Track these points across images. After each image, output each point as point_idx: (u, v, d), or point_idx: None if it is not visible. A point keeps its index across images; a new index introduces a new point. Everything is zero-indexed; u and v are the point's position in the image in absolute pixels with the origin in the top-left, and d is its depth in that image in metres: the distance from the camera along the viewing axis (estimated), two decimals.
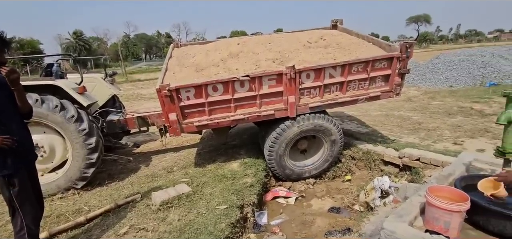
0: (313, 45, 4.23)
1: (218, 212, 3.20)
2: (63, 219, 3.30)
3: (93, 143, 3.80)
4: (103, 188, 4.10)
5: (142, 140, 6.27)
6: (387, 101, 7.91)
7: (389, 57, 3.85)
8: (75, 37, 52.90)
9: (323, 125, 3.97)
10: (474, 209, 2.10)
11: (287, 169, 4.21)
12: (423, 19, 75.67)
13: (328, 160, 4.28)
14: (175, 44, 4.95)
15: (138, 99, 12.48)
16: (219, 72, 3.72)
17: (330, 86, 3.88)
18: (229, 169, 4.29)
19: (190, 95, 3.47)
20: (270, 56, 3.90)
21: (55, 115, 3.56)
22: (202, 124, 3.68)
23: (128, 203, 3.53)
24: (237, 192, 3.62)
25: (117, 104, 5.39)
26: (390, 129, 5.60)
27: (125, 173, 4.62)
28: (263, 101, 3.75)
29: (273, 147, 4.00)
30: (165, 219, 3.16)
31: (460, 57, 12.01)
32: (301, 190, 4.28)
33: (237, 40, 4.53)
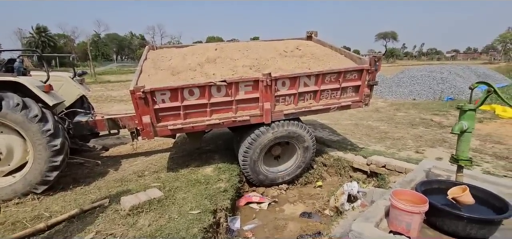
0: (289, 54, 4.37)
1: (191, 217, 3.16)
2: (19, 226, 3.07)
3: (58, 144, 3.59)
4: (67, 192, 3.87)
5: (112, 143, 6.02)
6: (357, 111, 8.31)
7: (360, 69, 4.08)
8: (38, 32, 49.58)
9: (296, 132, 4.08)
10: (431, 211, 2.28)
11: (261, 175, 4.26)
12: (390, 36, 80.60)
13: (301, 166, 4.40)
14: (150, 46, 4.85)
15: (108, 101, 11.96)
16: (196, 76, 3.71)
17: (304, 95, 4.01)
18: (202, 174, 4.26)
19: (166, 98, 3.42)
20: (247, 62, 3.96)
21: (15, 115, 3.32)
22: (177, 128, 3.63)
23: (95, 208, 3.37)
24: (210, 197, 3.60)
25: (86, 105, 5.14)
26: (359, 138, 5.88)
27: (92, 177, 4.40)
28: (239, 107, 3.78)
29: (247, 152, 4.04)
30: (135, 224, 3.05)
31: (422, 73, 12.91)
32: (274, 196, 4.34)
33: (214, 45, 4.54)
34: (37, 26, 50.07)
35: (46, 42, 49.07)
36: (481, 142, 5.45)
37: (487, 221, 2.16)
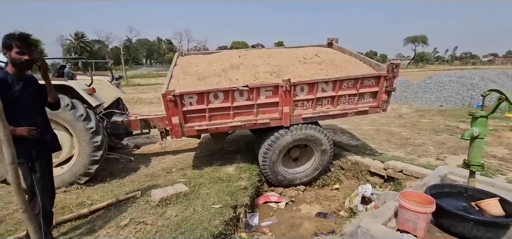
0: (308, 61, 4.57)
1: (213, 210, 3.45)
2: (67, 210, 3.52)
3: (99, 141, 4.06)
4: (104, 184, 4.33)
5: (142, 141, 6.52)
6: (378, 117, 8.27)
7: (377, 75, 4.19)
8: (77, 39, 53.28)
9: (314, 135, 4.27)
10: (439, 212, 2.39)
11: (280, 175, 4.48)
12: (420, 40, 77.32)
13: (318, 169, 4.57)
14: (179, 53, 5.27)
15: (139, 103, 12.74)
16: (220, 81, 4.03)
17: (322, 100, 4.19)
18: (225, 172, 4.55)
19: (193, 101, 3.77)
20: (268, 69, 4.22)
21: (65, 114, 3.83)
22: (202, 129, 3.97)
23: (129, 199, 3.77)
24: (231, 193, 3.87)
25: (121, 107, 5.66)
26: (379, 143, 5.91)
27: (126, 171, 4.86)
28: (259, 110, 4.05)
29: (267, 154, 4.28)
30: (164, 214, 3.39)
31: (451, 78, 12.47)
32: (291, 196, 4.54)
33: (238, 52, 4.86)
34: (76, 32, 53.83)
35: (83, 47, 52.61)
36: (510, 150, 5.30)
37: (493, 223, 2.24)
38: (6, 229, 3.14)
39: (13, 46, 2.21)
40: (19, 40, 2.22)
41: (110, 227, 3.17)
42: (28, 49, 2.26)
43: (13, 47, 2.22)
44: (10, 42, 2.20)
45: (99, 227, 3.16)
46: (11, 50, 2.23)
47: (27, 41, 2.26)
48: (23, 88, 2.34)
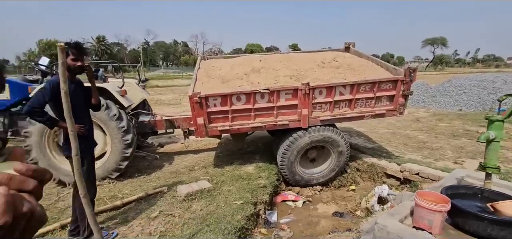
0: (326, 65, 4.73)
1: (235, 206, 3.67)
2: (101, 202, 3.84)
3: (130, 139, 4.38)
4: (133, 179, 4.65)
5: (165, 141, 6.84)
6: (395, 120, 8.28)
7: (394, 80, 4.30)
8: (98, 42, 55.31)
9: (331, 137, 4.42)
10: (454, 212, 2.51)
11: (297, 175, 4.65)
12: (439, 42, 75.20)
13: (335, 170, 4.71)
14: (202, 57, 5.55)
15: (158, 104, 13.18)
16: (243, 84, 4.26)
17: (339, 103, 4.35)
18: (245, 171, 4.77)
19: (217, 103, 4.01)
20: (287, 73, 4.42)
21: (100, 113, 4.15)
22: (225, 129, 4.21)
23: (157, 193, 4.05)
24: (251, 191, 4.08)
25: (147, 107, 5.99)
26: (395, 146, 5.97)
27: (152, 168, 5.17)
28: (279, 112, 4.25)
29: (285, 154, 4.47)
30: (189, 208, 3.65)
31: (471, 82, 12.21)
32: (308, 195, 4.70)
33: (259, 57, 5.09)
34: (97, 36, 55.90)
35: (104, 50, 54.53)
36: None
37: (508, 222, 2.34)
38: (51, 216, 3.48)
39: (69, 54, 2.53)
40: (75, 49, 2.53)
41: (142, 218, 3.45)
42: (81, 57, 2.57)
43: (69, 54, 2.53)
44: (67, 50, 2.51)
45: (132, 218, 3.45)
46: (67, 57, 2.54)
47: (81, 49, 2.57)
48: (74, 91, 2.65)
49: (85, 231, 2.90)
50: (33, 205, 0.44)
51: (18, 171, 0.44)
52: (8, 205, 0.40)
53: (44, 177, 0.47)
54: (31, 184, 0.44)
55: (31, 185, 0.44)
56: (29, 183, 0.44)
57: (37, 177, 0.45)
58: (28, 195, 0.44)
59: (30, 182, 0.44)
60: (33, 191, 0.45)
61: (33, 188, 0.44)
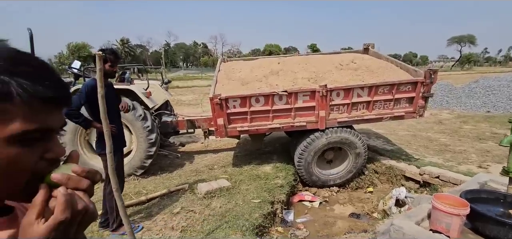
0: (344, 67, 4.75)
1: (253, 204, 3.78)
2: (127, 197, 4.08)
3: (153, 138, 4.63)
4: (156, 177, 4.89)
5: (186, 140, 7.09)
6: (416, 122, 8.08)
7: (414, 81, 4.26)
8: (122, 44, 57.53)
9: (349, 138, 4.44)
10: (474, 216, 2.49)
11: (314, 176, 4.71)
12: (466, 40, 71.68)
13: (352, 171, 4.72)
14: (223, 59, 5.73)
15: (179, 105, 13.57)
16: (261, 86, 4.38)
17: (357, 104, 4.36)
18: (262, 171, 4.89)
19: (236, 104, 4.16)
20: (305, 75, 4.49)
21: (128, 114, 4.42)
22: (244, 130, 4.34)
23: (179, 190, 4.25)
24: (268, 190, 4.19)
25: (169, 108, 6.26)
26: (415, 149, 5.87)
27: (173, 167, 5.41)
28: (297, 114, 4.33)
29: (302, 155, 4.54)
30: (209, 205, 3.81)
31: (501, 82, 11.64)
32: (325, 196, 4.74)
33: (277, 59, 5.19)
34: (121, 38, 58.16)
35: (127, 52, 56.65)
36: None
37: None
38: None
39: (107, 61, 2.76)
40: (113, 55, 2.77)
41: (165, 213, 3.65)
42: (117, 62, 2.81)
43: (107, 61, 2.77)
44: (106, 57, 2.75)
45: (155, 213, 3.65)
46: (105, 63, 2.77)
47: (117, 56, 2.82)
48: (107, 93, 2.88)
49: (114, 223, 3.13)
50: (87, 202, 0.50)
51: (75, 172, 0.51)
52: (67, 203, 0.46)
53: (95, 177, 0.53)
54: (85, 183, 0.50)
55: (85, 184, 0.50)
56: (84, 183, 0.50)
57: (90, 178, 0.52)
58: (83, 193, 0.50)
59: (84, 181, 0.50)
60: (87, 190, 0.51)
61: (86, 187, 0.51)
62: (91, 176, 0.52)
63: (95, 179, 0.53)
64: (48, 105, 0.49)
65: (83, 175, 0.51)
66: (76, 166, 0.52)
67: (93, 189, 0.53)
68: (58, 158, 0.53)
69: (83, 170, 0.51)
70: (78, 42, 43.40)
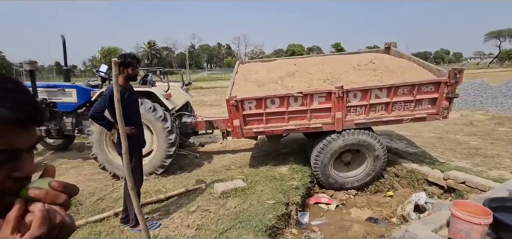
0: (362, 67, 4.64)
1: (267, 205, 3.80)
2: (147, 195, 4.26)
3: (173, 139, 4.80)
4: (175, 176, 5.06)
5: (205, 141, 7.25)
6: (443, 124, 7.66)
7: (436, 81, 4.07)
8: (149, 46, 59.87)
9: (367, 141, 4.33)
10: (499, 226, 2.34)
11: (331, 178, 4.64)
12: (507, 34, 66.47)
13: (371, 174, 4.59)
14: (240, 61, 5.81)
15: (201, 105, 13.88)
16: (277, 88, 4.40)
17: (375, 106, 4.24)
18: (278, 172, 4.89)
19: (252, 106, 4.21)
20: (322, 76, 4.45)
21: (149, 115, 4.63)
22: (260, 131, 4.39)
23: (196, 189, 4.37)
24: (284, 191, 4.18)
25: (189, 109, 6.43)
26: (441, 152, 5.58)
27: (192, 166, 5.56)
28: (313, 115, 4.29)
29: (319, 157, 4.49)
30: (224, 205, 3.88)
31: None
32: (342, 199, 4.66)
33: (294, 61, 5.17)
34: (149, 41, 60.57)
35: (154, 54, 58.86)
36: None
37: None
38: (106, 205, 3.99)
39: (130, 65, 2.94)
40: (135, 60, 2.94)
41: (182, 211, 3.78)
42: (138, 66, 2.98)
43: (130, 65, 2.94)
44: (129, 62, 2.92)
45: (173, 211, 3.79)
46: (128, 68, 2.95)
47: (139, 61, 2.99)
48: (128, 96, 3.05)
49: (134, 219, 3.29)
50: (63, 216, 0.49)
51: (53, 187, 0.50)
52: (45, 218, 0.45)
53: (72, 192, 0.53)
54: (62, 198, 0.50)
55: (62, 199, 0.50)
56: (61, 198, 0.50)
57: (67, 192, 0.52)
58: (59, 207, 0.49)
59: (61, 196, 0.50)
60: (63, 204, 0.50)
61: (63, 202, 0.50)
62: (69, 191, 0.52)
63: (72, 193, 0.53)
64: (14, 126, 0.49)
65: (60, 190, 0.51)
66: (54, 181, 0.52)
67: (70, 202, 0.53)
68: (28, 176, 0.53)
69: (60, 185, 0.51)
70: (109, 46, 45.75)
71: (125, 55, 3.01)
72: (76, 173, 5.44)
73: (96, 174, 5.25)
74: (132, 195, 2.19)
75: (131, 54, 3.06)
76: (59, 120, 5.60)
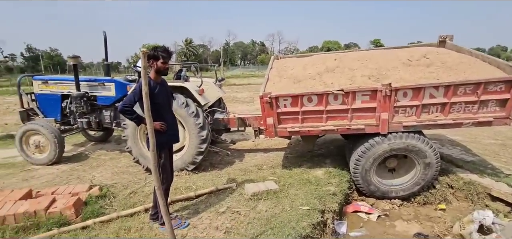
0: (414, 63, 4.12)
1: (301, 211, 3.51)
2: (178, 192, 4.19)
3: (204, 135, 4.69)
4: (206, 173, 4.95)
5: (237, 138, 7.12)
6: (507, 129, 6.70)
7: (508, 80, 3.45)
8: (186, 44, 61.97)
9: (416, 146, 3.83)
10: None
11: (372, 185, 4.20)
12: None
13: (420, 184, 4.08)
14: (275, 56, 5.54)
15: (234, 102, 13.88)
16: (315, 85, 4.06)
17: (429, 107, 3.72)
18: (313, 175, 4.56)
19: (287, 103, 3.93)
20: (366, 72, 4.02)
21: (181, 110, 4.57)
22: (294, 130, 4.09)
23: (226, 189, 4.21)
24: (319, 197, 3.86)
25: (222, 105, 6.33)
26: (505, 161, 4.83)
27: (223, 164, 5.43)
28: (354, 115, 3.90)
29: (359, 161, 4.08)
30: (255, 208, 3.66)
31: None
32: (385, 209, 4.20)
33: (334, 55, 4.78)
34: (186, 39, 62.73)
35: (191, 51, 60.87)
36: None
37: None
38: (137, 199, 3.99)
39: (160, 58, 2.82)
40: (165, 53, 2.82)
41: (211, 211, 3.62)
42: (169, 59, 2.86)
43: (159, 58, 2.82)
44: (158, 55, 2.81)
45: (202, 210, 3.65)
46: (157, 61, 2.84)
47: (169, 54, 2.87)
48: (160, 91, 2.95)
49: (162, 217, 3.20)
50: None
51: None
52: None
53: None
54: None
55: None
56: None
57: None
58: None
59: None
60: None
61: None
62: None
63: None
64: None
65: None
66: None
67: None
68: None
69: None
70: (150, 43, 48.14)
71: (156, 48, 2.90)
72: (113, 165, 5.59)
73: (131, 167, 5.34)
74: (159, 195, 2.06)
75: (162, 47, 2.93)
76: (99, 113, 5.80)
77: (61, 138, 5.56)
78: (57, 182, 4.79)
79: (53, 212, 3.30)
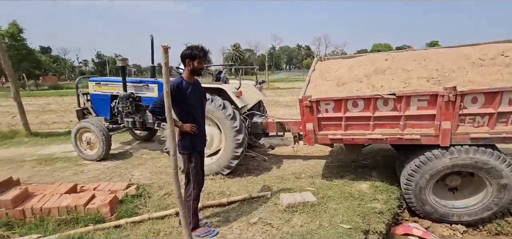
0: (487, 62, 3.43)
1: (341, 230, 3.13)
2: (210, 196, 4.07)
3: (241, 139, 4.53)
4: (241, 178, 4.78)
5: (276, 143, 6.85)
6: None
7: None
8: (234, 48, 63.88)
9: (488, 163, 3.16)
10: None
11: (428, 205, 3.59)
12: None
13: (492, 209, 3.36)
14: (318, 58, 5.16)
15: (276, 106, 13.65)
16: (362, 88, 3.62)
17: (508, 116, 3.04)
18: (357, 189, 4.10)
19: (329, 108, 3.56)
20: (424, 74, 3.46)
21: (218, 112, 4.48)
22: (336, 138, 3.69)
23: (260, 197, 3.97)
24: (363, 215, 3.42)
25: (261, 109, 6.14)
26: None
27: (259, 170, 5.21)
28: (407, 123, 3.37)
29: (413, 176, 3.52)
30: (289, 221, 3.36)
31: None
32: (443, 235, 3.55)
33: (385, 55, 4.25)
34: (234, 44, 64.75)
35: (238, 56, 62.60)
36: None
37: None
38: (171, 201, 3.95)
39: (196, 58, 2.73)
40: (202, 52, 2.73)
41: (242, 221, 3.41)
42: (205, 60, 2.76)
43: (196, 58, 2.73)
44: (195, 54, 2.72)
45: (233, 219, 3.46)
46: (194, 60, 2.75)
47: (206, 54, 2.77)
48: (192, 91, 2.85)
49: (191, 223, 3.08)
50: None
51: None
52: None
53: None
54: None
55: None
56: None
57: None
58: None
59: None
60: None
61: None
62: None
63: None
64: None
65: None
66: None
67: None
68: None
69: None
70: None
71: (191, 47, 2.80)
72: (152, 164, 5.75)
73: (169, 168, 5.42)
74: (178, 203, 1.91)
75: (198, 46, 2.83)
76: (143, 113, 6.03)
77: (109, 135, 5.89)
78: (101, 178, 5.05)
79: (91, 208, 3.41)
